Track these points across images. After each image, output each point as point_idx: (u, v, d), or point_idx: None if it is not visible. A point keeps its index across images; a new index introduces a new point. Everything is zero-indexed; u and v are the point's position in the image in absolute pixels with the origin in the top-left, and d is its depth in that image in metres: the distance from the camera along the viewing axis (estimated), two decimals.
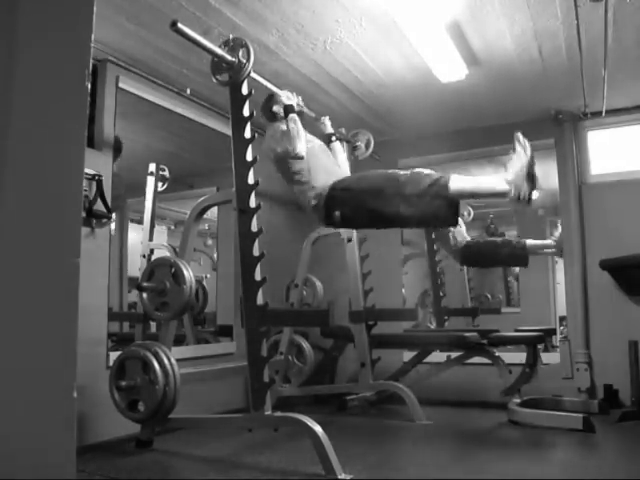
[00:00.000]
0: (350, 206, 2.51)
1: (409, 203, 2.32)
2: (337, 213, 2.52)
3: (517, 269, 4.83)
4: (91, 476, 2.11)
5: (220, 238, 3.99)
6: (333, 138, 3.12)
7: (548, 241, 3.94)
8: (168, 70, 3.11)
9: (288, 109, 2.70)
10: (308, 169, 2.66)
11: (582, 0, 2.38)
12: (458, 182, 2.29)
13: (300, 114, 2.79)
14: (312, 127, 3.17)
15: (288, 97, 2.78)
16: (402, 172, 2.43)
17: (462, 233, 4.27)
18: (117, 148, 3.32)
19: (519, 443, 2.71)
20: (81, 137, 0.99)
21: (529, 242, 3.94)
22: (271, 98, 2.86)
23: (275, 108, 2.84)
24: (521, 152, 2.23)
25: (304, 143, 2.63)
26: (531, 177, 2.20)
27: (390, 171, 2.49)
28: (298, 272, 3.61)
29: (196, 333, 3.78)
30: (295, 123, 2.64)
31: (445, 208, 2.29)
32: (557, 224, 4.13)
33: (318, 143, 2.88)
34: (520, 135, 2.27)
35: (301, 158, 2.62)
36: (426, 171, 2.39)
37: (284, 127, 2.70)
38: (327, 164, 2.77)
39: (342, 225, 2.71)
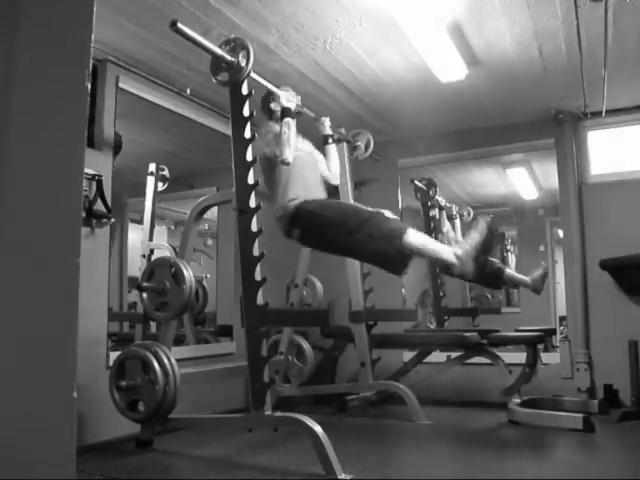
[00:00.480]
0: (310, 229, 2.61)
1: (365, 243, 2.44)
2: (296, 231, 2.63)
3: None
4: (91, 476, 2.11)
5: (220, 238, 3.99)
6: (330, 140, 3.12)
7: (526, 278, 3.99)
8: (168, 70, 3.11)
9: (285, 112, 2.70)
10: (287, 180, 2.68)
11: (582, 0, 2.38)
12: (413, 238, 2.40)
13: (298, 115, 2.80)
14: (311, 127, 3.18)
15: (288, 98, 2.77)
16: (366, 209, 2.55)
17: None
18: (117, 145, 3.32)
19: (519, 443, 2.71)
20: (81, 137, 0.99)
21: (508, 271, 4.00)
22: (269, 95, 2.86)
23: (273, 105, 2.85)
24: (476, 236, 2.42)
25: (293, 150, 2.64)
26: (479, 259, 2.40)
27: (355, 205, 2.63)
28: (298, 272, 3.61)
29: (196, 333, 3.78)
30: (289, 128, 2.64)
31: (396, 259, 2.43)
32: (541, 264, 4.17)
33: (307, 151, 2.88)
34: (481, 220, 2.48)
35: (287, 164, 2.64)
36: (388, 214, 2.51)
37: (278, 128, 2.70)
38: (308, 179, 2.77)
39: (299, 242, 2.79)
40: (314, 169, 2.89)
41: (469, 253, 2.37)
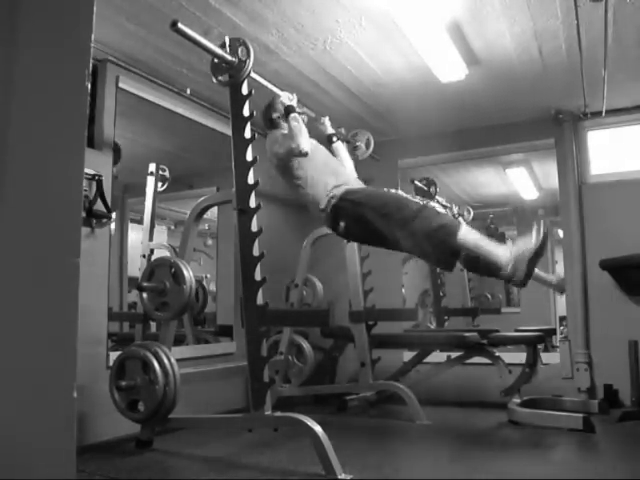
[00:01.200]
0: (356, 221, 2.49)
1: (414, 237, 2.30)
2: (342, 224, 2.52)
3: None
4: (91, 476, 2.11)
5: (220, 238, 4.00)
6: (334, 139, 3.08)
7: (551, 276, 3.94)
8: (168, 70, 3.11)
9: (289, 109, 2.69)
10: (311, 175, 2.63)
11: (582, 0, 2.39)
12: (466, 235, 2.24)
13: (300, 115, 2.78)
14: (311, 127, 3.17)
15: (289, 98, 2.77)
16: (415, 201, 2.38)
17: None
18: (116, 150, 3.32)
19: (519, 443, 2.71)
20: (81, 137, 0.99)
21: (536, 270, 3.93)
22: (270, 106, 2.85)
23: (274, 115, 2.83)
24: (533, 238, 2.18)
25: (308, 140, 2.60)
26: (532, 264, 2.18)
27: (404, 196, 2.44)
28: (298, 272, 3.61)
29: (196, 333, 3.78)
30: (297, 121, 2.62)
31: (446, 255, 2.28)
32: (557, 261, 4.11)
33: (315, 143, 2.86)
34: (543, 222, 2.25)
35: (305, 155, 2.55)
36: (439, 208, 2.36)
37: (284, 131, 2.69)
38: (331, 165, 2.74)
39: (345, 236, 2.69)
40: (328, 155, 2.85)
41: (525, 256, 2.15)
